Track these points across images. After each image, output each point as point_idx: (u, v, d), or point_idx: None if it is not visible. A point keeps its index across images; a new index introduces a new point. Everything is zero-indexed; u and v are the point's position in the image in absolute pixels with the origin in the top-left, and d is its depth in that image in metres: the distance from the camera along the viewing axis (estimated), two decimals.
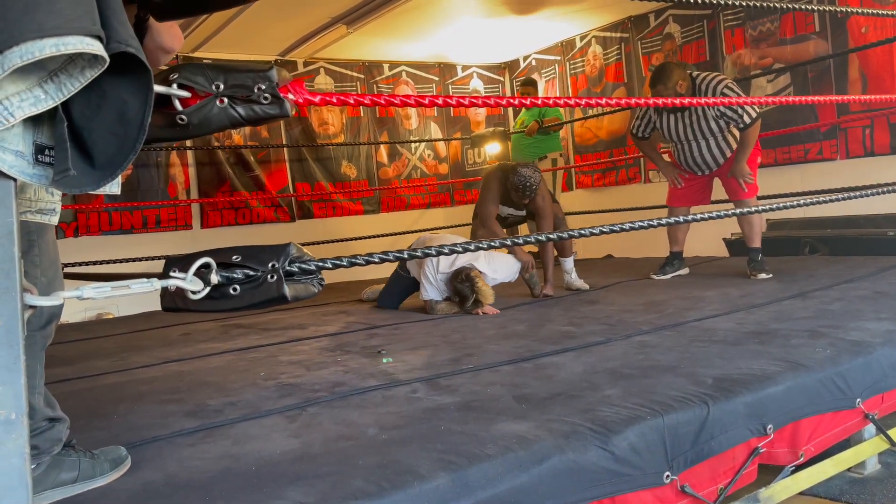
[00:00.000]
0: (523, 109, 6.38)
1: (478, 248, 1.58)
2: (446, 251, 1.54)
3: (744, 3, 2.43)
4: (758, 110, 3.79)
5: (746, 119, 3.77)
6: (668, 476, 1.65)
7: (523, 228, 6.40)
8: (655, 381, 1.97)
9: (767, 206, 2.44)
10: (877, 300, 2.94)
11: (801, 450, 1.95)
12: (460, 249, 1.56)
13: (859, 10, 3.09)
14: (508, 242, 1.75)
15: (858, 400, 2.09)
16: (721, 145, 3.96)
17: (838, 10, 3.76)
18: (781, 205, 2.35)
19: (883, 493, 2.09)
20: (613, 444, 1.58)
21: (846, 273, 3.69)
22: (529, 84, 6.66)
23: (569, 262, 4.20)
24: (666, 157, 4.37)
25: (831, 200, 2.58)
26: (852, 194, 2.64)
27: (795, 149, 5.51)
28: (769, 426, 1.86)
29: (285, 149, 6.83)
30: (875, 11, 3.22)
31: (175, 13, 1.41)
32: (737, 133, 3.91)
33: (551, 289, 3.95)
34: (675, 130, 4.00)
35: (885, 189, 2.60)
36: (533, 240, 1.91)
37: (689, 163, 4.08)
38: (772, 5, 2.48)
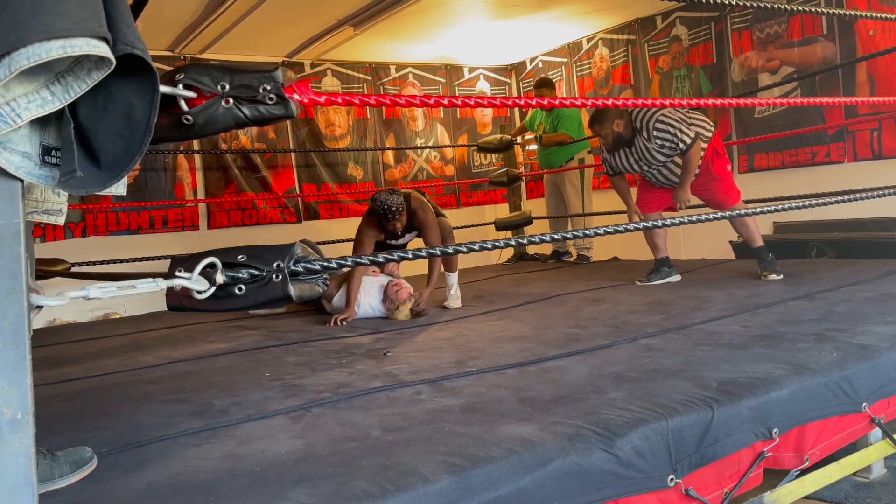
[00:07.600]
0: (541, 114, 5.94)
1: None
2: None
3: (752, 4, 2.43)
4: (692, 136, 3.82)
5: (682, 146, 3.84)
6: (672, 479, 1.65)
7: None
8: (660, 385, 1.96)
9: (773, 207, 2.43)
10: (884, 303, 2.93)
11: (807, 454, 1.94)
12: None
13: (867, 14, 3.06)
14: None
15: (865, 404, 2.08)
16: (676, 169, 4.04)
17: (846, 13, 3.72)
18: (784, 206, 2.34)
19: (889, 498, 2.08)
20: (617, 447, 1.58)
21: (853, 276, 3.67)
22: (544, 86, 6.02)
23: (452, 277, 4.04)
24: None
25: (837, 202, 2.57)
26: (858, 196, 2.63)
27: (803, 151, 5.50)
28: (775, 430, 1.85)
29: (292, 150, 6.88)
30: (883, 16, 3.20)
31: None
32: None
33: (426, 303, 3.78)
34: (628, 165, 4.11)
35: (891, 191, 2.59)
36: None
37: (655, 183, 4.20)
38: (780, 7, 2.47)
